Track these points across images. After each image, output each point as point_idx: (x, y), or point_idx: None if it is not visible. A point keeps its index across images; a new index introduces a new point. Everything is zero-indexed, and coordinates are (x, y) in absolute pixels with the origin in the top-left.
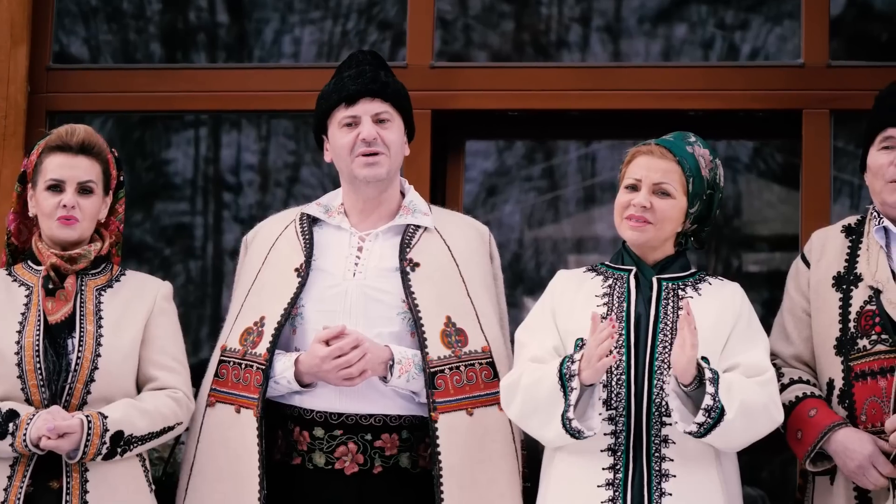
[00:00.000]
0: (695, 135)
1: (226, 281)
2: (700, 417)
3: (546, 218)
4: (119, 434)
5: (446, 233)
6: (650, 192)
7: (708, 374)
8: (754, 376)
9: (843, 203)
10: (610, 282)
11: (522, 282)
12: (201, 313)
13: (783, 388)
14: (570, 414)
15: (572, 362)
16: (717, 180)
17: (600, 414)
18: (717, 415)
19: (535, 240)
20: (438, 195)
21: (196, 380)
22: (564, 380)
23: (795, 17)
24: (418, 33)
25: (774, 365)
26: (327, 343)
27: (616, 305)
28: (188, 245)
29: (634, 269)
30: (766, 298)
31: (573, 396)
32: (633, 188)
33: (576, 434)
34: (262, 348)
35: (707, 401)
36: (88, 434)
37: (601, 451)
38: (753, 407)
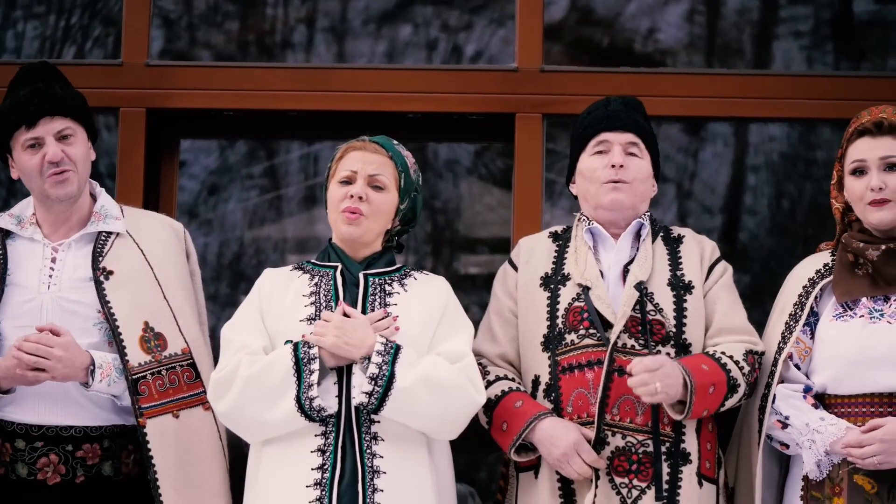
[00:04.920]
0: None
1: None
2: (367, 386)
3: (267, 217)
4: None
5: (139, 236)
6: (366, 183)
7: (378, 347)
8: (455, 362)
9: (562, 205)
10: (316, 280)
11: (243, 281)
12: None
13: (489, 384)
14: (313, 392)
15: (309, 347)
16: (419, 183)
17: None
18: (384, 382)
19: (255, 239)
20: (153, 194)
21: None
22: (301, 363)
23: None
24: (134, 31)
25: (480, 364)
26: None
27: (324, 304)
28: None
29: (340, 265)
30: (486, 301)
31: (314, 378)
32: (348, 182)
33: (314, 414)
34: None
35: (372, 369)
36: None
37: (311, 451)
38: (443, 383)
